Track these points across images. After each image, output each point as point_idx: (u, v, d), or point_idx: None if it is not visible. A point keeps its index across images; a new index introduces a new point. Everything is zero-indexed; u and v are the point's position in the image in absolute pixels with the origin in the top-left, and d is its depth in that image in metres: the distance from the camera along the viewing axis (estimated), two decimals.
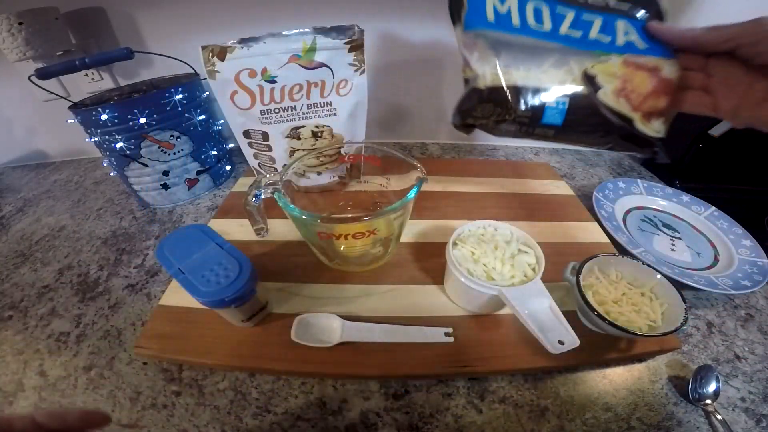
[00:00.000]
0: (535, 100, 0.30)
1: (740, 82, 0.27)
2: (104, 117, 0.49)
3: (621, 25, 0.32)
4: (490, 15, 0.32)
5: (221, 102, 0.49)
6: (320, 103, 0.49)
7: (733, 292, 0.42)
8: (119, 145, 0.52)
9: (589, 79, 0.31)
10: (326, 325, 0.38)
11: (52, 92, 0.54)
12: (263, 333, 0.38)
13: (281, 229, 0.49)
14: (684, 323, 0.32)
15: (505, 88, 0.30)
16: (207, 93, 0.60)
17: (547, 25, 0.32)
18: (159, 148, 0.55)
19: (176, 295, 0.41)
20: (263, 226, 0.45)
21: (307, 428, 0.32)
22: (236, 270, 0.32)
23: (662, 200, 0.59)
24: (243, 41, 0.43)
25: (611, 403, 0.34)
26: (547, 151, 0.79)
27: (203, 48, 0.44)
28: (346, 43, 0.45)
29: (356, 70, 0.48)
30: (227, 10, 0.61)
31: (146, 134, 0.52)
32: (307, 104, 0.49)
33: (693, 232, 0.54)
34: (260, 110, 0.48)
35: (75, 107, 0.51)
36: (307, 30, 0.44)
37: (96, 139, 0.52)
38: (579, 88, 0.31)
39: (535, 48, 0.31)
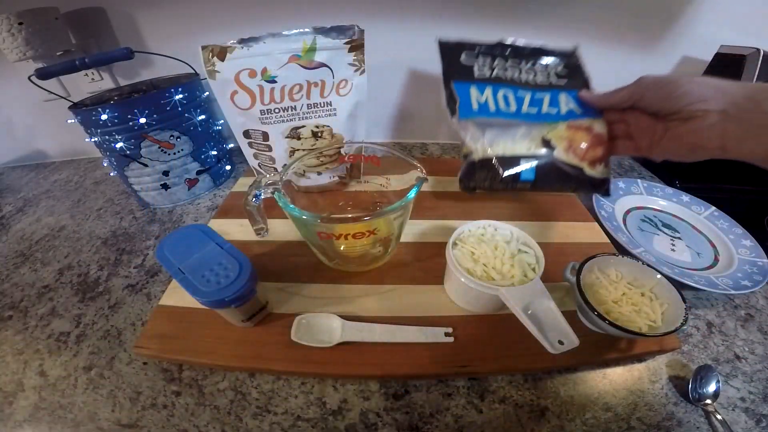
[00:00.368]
0: (513, 165, 0.40)
1: (646, 126, 0.35)
2: (104, 117, 0.49)
3: (562, 97, 0.44)
4: (475, 105, 0.43)
5: (221, 102, 0.49)
6: (320, 103, 0.49)
7: (733, 292, 0.42)
8: (119, 145, 0.52)
9: (546, 143, 0.41)
10: (326, 325, 0.38)
11: (52, 92, 0.54)
12: (263, 333, 0.38)
13: (281, 229, 0.49)
14: (684, 323, 0.32)
15: (492, 159, 0.40)
16: (207, 93, 0.60)
17: (513, 107, 0.43)
18: (159, 148, 0.55)
19: (176, 295, 0.41)
20: (263, 226, 0.45)
21: (307, 428, 0.32)
22: (236, 270, 0.32)
23: (662, 200, 0.59)
24: (243, 41, 0.43)
25: (611, 403, 0.34)
26: None
27: (203, 48, 0.44)
28: (346, 43, 0.45)
29: (356, 70, 0.48)
30: (227, 10, 0.61)
31: (146, 134, 0.52)
32: (307, 104, 0.49)
33: (693, 232, 0.54)
34: (260, 110, 0.48)
35: (75, 107, 0.51)
36: (307, 30, 0.44)
37: (96, 139, 0.52)
38: (541, 151, 0.41)
39: (509, 125, 0.42)
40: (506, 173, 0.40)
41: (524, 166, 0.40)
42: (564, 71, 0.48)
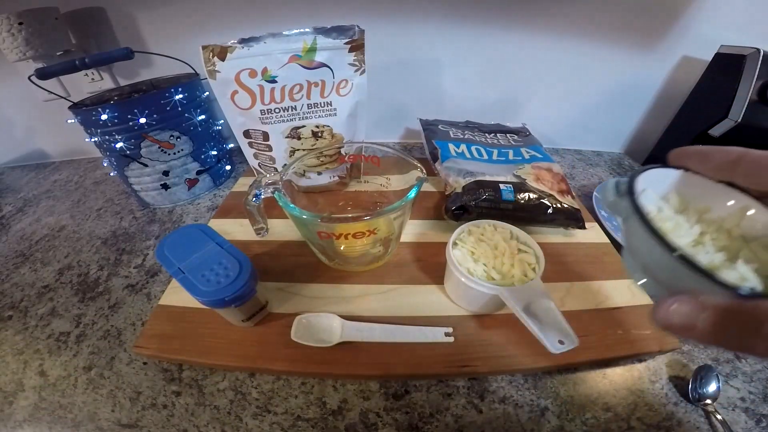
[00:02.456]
0: (493, 186, 0.47)
1: None
2: (104, 117, 0.49)
3: (524, 150, 0.56)
4: (453, 153, 0.55)
5: (221, 102, 0.49)
6: (320, 103, 0.49)
7: None
8: (119, 145, 0.52)
9: (517, 177, 0.50)
10: (326, 325, 0.38)
11: (52, 92, 0.54)
12: (263, 333, 0.38)
13: (281, 229, 0.49)
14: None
15: (474, 184, 0.48)
16: (207, 93, 0.60)
17: (485, 156, 0.55)
18: (159, 148, 0.55)
19: (176, 295, 0.41)
20: (263, 226, 0.45)
21: (307, 428, 0.32)
22: (236, 269, 0.32)
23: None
24: (243, 41, 0.43)
25: (611, 403, 0.34)
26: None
27: (203, 48, 0.44)
28: (346, 43, 0.45)
29: (356, 70, 0.48)
30: (227, 10, 0.61)
31: (146, 134, 0.52)
32: (308, 104, 0.49)
33: None
34: (260, 110, 0.48)
35: (75, 107, 0.51)
36: (307, 30, 0.44)
37: (96, 139, 0.52)
38: (515, 180, 0.49)
39: (484, 167, 0.52)
40: (488, 192, 0.47)
41: (503, 186, 0.47)
42: (520, 138, 0.61)
